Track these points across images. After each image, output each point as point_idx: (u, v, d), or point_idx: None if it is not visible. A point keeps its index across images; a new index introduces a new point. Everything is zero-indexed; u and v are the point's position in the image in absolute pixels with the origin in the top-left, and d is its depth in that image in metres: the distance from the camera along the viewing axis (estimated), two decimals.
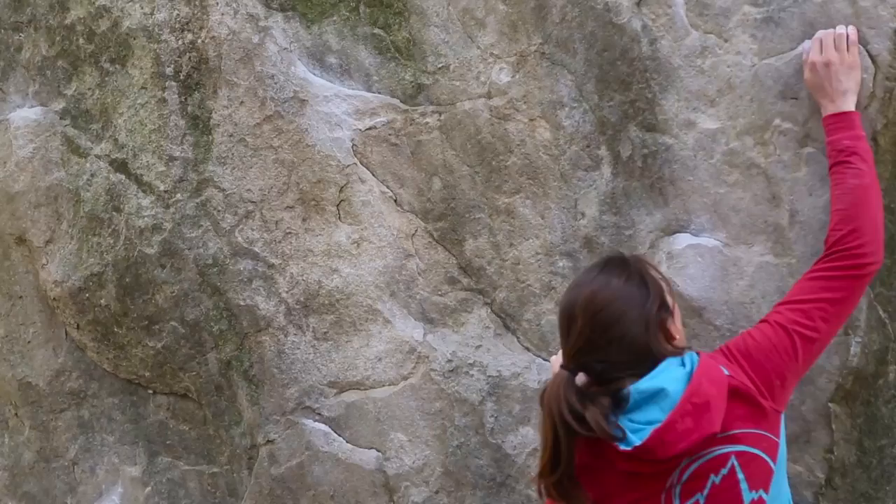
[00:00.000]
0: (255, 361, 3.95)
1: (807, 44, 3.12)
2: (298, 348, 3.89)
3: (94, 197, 4.05)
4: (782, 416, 2.76)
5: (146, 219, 3.98)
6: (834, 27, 3.08)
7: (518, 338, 3.67)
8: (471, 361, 3.72)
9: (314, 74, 3.76)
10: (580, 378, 2.71)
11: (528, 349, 3.65)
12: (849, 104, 3.00)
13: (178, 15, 3.88)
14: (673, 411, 2.59)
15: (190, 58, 3.87)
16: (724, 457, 2.66)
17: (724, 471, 2.66)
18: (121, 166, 4.00)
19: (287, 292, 3.87)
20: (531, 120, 3.53)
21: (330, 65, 3.75)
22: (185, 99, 3.90)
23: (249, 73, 3.80)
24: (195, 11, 3.85)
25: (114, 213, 4.02)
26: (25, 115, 4.13)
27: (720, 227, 3.33)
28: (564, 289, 3.30)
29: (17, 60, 4.19)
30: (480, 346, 3.71)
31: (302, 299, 3.86)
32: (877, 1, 3.06)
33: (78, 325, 4.16)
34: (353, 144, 3.74)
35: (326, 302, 3.83)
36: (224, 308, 3.95)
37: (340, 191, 3.77)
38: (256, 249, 3.88)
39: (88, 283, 4.08)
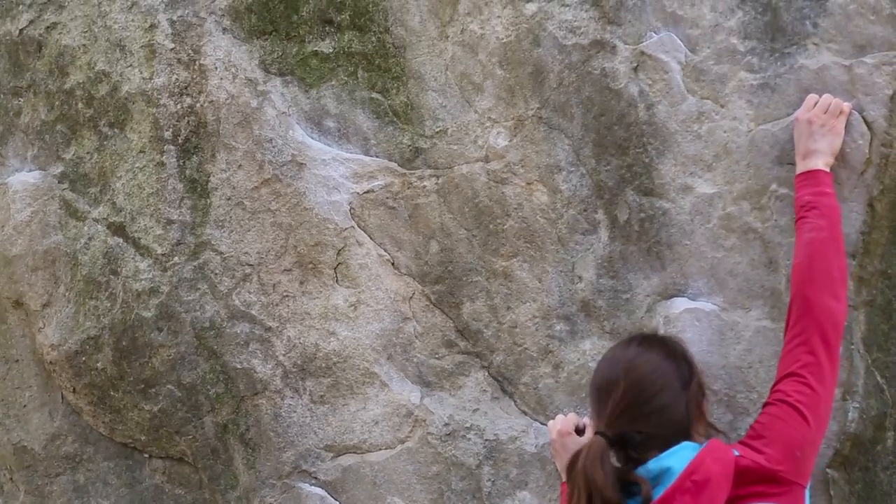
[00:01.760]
0: (252, 425, 3.94)
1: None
2: (295, 411, 3.87)
3: (92, 260, 4.05)
4: (807, 491, 2.74)
5: (143, 282, 3.98)
6: (830, 94, 3.09)
7: (515, 401, 3.66)
8: (468, 425, 3.70)
9: (312, 138, 3.77)
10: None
11: (525, 413, 3.63)
12: (817, 163, 3.01)
13: (176, 79, 3.90)
14: (670, 487, 2.60)
15: (188, 122, 3.89)
16: None
17: None
18: (118, 230, 4.00)
19: (284, 355, 3.86)
20: (528, 184, 3.54)
21: (328, 128, 3.76)
22: (184, 162, 3.91)
23: (248, 137, 3.82)
24: (194, 76, 3.87)
25: (111, 276, 4.02)
26: (24, 178, 4.14)
27: (717, 292, 3.32)
28: (562, 352, 3.32)
29: (16, 125, 4.20)
30: (477, 409, 3.69)
31: (299, 362, 3.85)
32: (872, 68, 3.07)
33: (74, 389, 4.15)
34: (351, 207, 3.74)
35: (323, 365, 3.82)
36: (221, 371, 3.94)
37: (338, 254, 3.77)
38: (254, 312, 3.88)
39: (85, 346, 4.07)
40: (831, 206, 2.96)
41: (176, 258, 3.94)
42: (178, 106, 3.90)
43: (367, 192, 3.72)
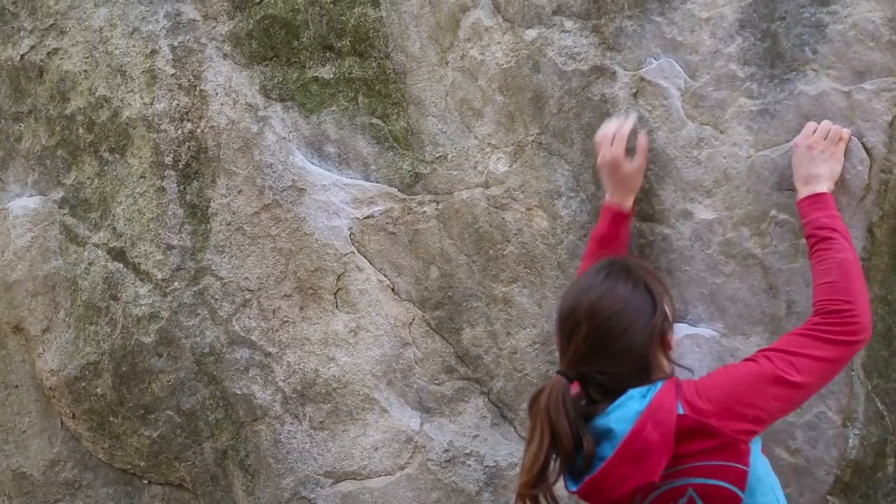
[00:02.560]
0: (251, 451, 3.93)
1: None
2: (295, 437, 3.87)
3: (92, 285, 4.06)
4: (754, 444, 2.71)
5: (143, 307, 3.99)
6: (829, 120, 3.10)
7: (515, 427, 3.65)
8: (468, 451, 3.69)
9: (312, 163, 3.78)
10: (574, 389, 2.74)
11: (525, 439, 3.62)
12: (822, 187, 3.00)
13: (177, 105, 3.91)
14: (611, 457, 2.62)
15: (189, 147, 3.90)
16: (682, 488, 2.67)
17: (682, 500, 2.67)
18: (119, 255, 4.01)
19: (284, 381, 3.86)
20: (528, 209, 3.54)
21: (328, 154, 3.77)
22: (184, 188, 3.92)
23: (248, 162, 3.83)
24: (195, 101, 3.89)
25: (111, 301, 4.03)
26: (24, 204, 4.15)
27: (717, 318, 3.32)
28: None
29: (16, 150, 4.21)
30: (477, 435, 3.69)
31: (299, 388, 3.85)
32: (871, 94, 3.07)
33: (73, 415, 4.15)
34: (351, 233, 3.75)
35: (323, 391, 3.82)
36: (220, 397, 3.94)
37: (338, 279, 3.78)
38: (253, 338, 3.88)
39: (85, 371, 4.07)
40: (846, 229, 2.95)
41: (176, 283, 3.95)
42: (179, 131, 3.91)
43: (368, 217, 3.73)
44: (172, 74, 3.92)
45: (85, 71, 4.05)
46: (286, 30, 3.77)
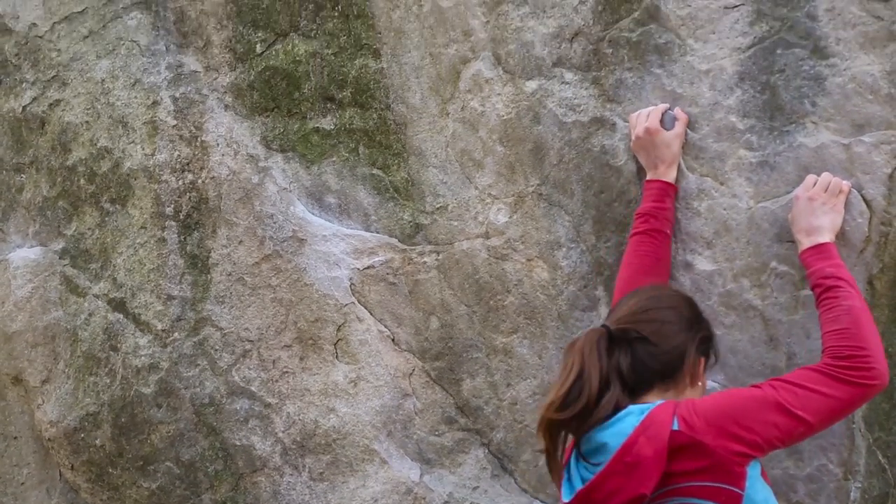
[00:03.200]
0: (251, 503, 3.92)
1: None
2: (294, 489, 3.86)
3: (92, 336, 4.06)
4: (751, 468, 2.69)
5: (143, 358, 3.99)
6: (828, 172, 3.10)
7: (515, 479, 3.64)
8: (468, 503, 3.68)
9: (313, 214, 3.79)
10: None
11: (525, 491, 3.61)
12: (824, 238, 3.00)
13: (178, 156, 3.92)
14: (602, 470, 2.62)
15: (190, 198, 3.91)
16: None
17: None
18: (119, 305, 4.01)
19: (283, 432, 3.85)
20: (529, 260, 3.54)
21: (329, 204, 3.78)
22: (185, 238, 3.93)
23: (249, 213, 3.84)
24: (196, 152, 3.90)
25: (111, 352, 4.02)
26: (25, 255, 4.16)
27: (718, 369, 3.30)
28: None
29: (18, 201, 4.22)
30: (477, 487, 3.67)
31: (298, 439, 3.84)
32: (871, 147, 3.07)
33: (72, 466, 4.13)
34: (352, 283, 3.75)
35: (323, 442, 3.81)
36: (220, 448, 3.93)
37: (338, 330, 3.77)
38: (253, 389, 3.87)
39: (84, 423, 4.06)
40: (852, 277, 2.94)
41: (176, 334, 3.95)
42: (180, 182, 3.92)
43: (368, 267, 3.73)
44: (174, 125, 3.93)
45: (86, 122, 4.06)
46: (287, 81, 3.79)
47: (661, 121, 3.27)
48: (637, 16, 3.35)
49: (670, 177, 3.25)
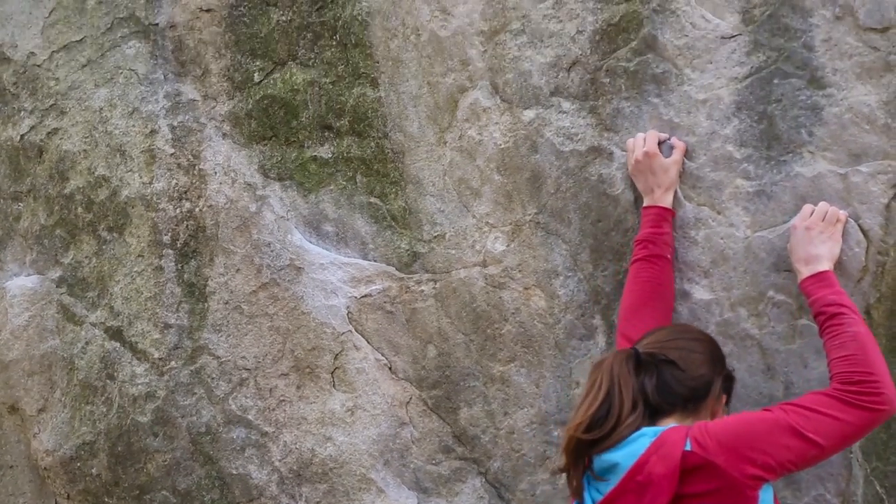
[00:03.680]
0: None
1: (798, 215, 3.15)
2: None
3: (89, 365, 4.05)
4: (764, 492, 2.68)
5: (140, 387, 3.98)
6: (825, 201, 3.10)
7: None
8: None
9: (310, 242, 3.79)
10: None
11: None
12: (823, 266, 3.00)
13: (176, 184, 3.93)
14: (613, 489, 2.63)
15: (187, 226, 3.91)
16: None
17: None
18: (116, 334, 4.01)
19: (280, 461, 3.84)
20: (526, 289, 3.54)
21: (326, 233, 3.78)
22: (182, 266, 3.93)
23: (246, 241, 3.84)
24: (193, 180, 3.90)
25: (107, 380, 4.02)
26: (22, 283, 4.15)
27: None
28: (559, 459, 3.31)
29: (15, 230, 4.23)
30: None
31: (295, 468, 3.83)
32: (868, 177, 3.08)
33: (68, 495, 4.12)
34: (349, 312, 3.75)
35: (320, 471, 3.80)
36: (216, 477, 3.92)
37: (335, 358, 3.77)
38: (250, 417, 3.87)
39: (80, 451, 4.06)
40: (854, 305, 2.94)
41: (173, 362, 3.94)
42: (177, 210, 3.93)
43: (365, 296, 3.73)
44: (171, 154, 3.94)
45: (84, 150, 4.07)
46: (285, 110, 3.80)
47: (659, 148, 3.27)
48: (634, 45, 3.36)
49: (667, 202, 3.25)
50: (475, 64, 3.56)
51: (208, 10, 3.89)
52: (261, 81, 3.84)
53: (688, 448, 2.64)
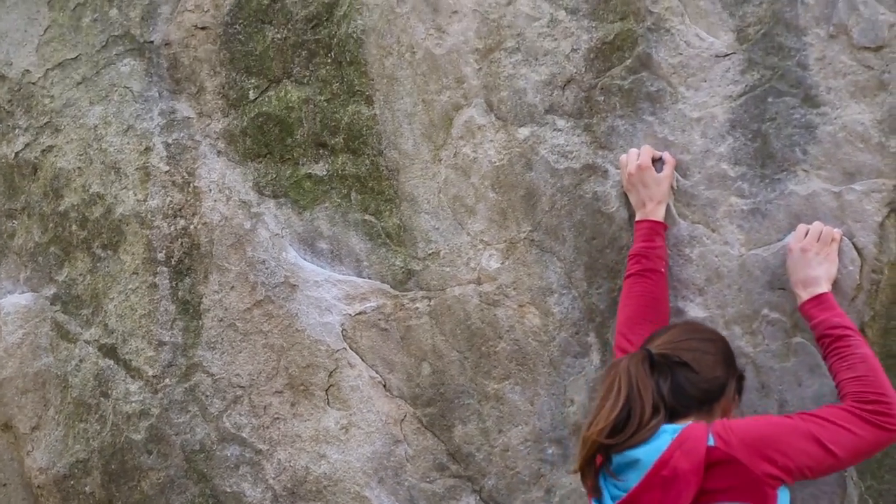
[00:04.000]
0: None
1: (792, 235, 3.15)
2: None
3: (83, 382, 4.05)
4: (781, 493, 2.68)
5: (134, 404, 3.97)
6: (820, 220, 3.11)
7: None
8: None
9: (305, 260, 3.79)
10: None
11: None
12: (822, 288, 3.01)
13: (171, 201, 3.92)
14: (638, 484, 2.63)
15: (182, 243, 3.91)
16: None
17: None
18: (110, 351, 4.00)
19: (274, 479, 3.84)
20: (520, 306, 3.54)
21: (321, 250, 3.78)
22: (176, 284, 3.92)
23: (241, 259, 3.84)
24: (188, 198, 3.90)
25: (101, 398, 4.01)
26: (16, 300, 4.15)
27: None
28: (553, 476, 3.31)
29: (9, 247, 4.22)
30: None
31: (289, 486, 3.82)
32: (861, 195, 3.08)
33: None
34: (343, 329, 3.74)
35: (314, 489, 3.79)
36: (210, 495, 3.91)
37: (330, 375, 3.77)
38: (244, 435, 3.86)
39: (74, 469, 4.05)
40: (856, 327, 2.96)
41: (167, 380, 3.94)
42: (172, 228, 3.92)
43: (360, 313, 3.73)
44: (166, 171, 3.94)
45: (79, 168, 4.07)
46: (280, 127, 3.80)
47: (653, 165, 3.28)
48: (629, 63, 3.37)
49: (659, 215, 3.26)
50: (470, 82, 3.56)
51: (203, 28, 3.89)
52: (256, 99, 3.84)
53: (711, 443, 2.66)
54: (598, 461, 2.77)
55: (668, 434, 2.69)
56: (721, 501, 2.64)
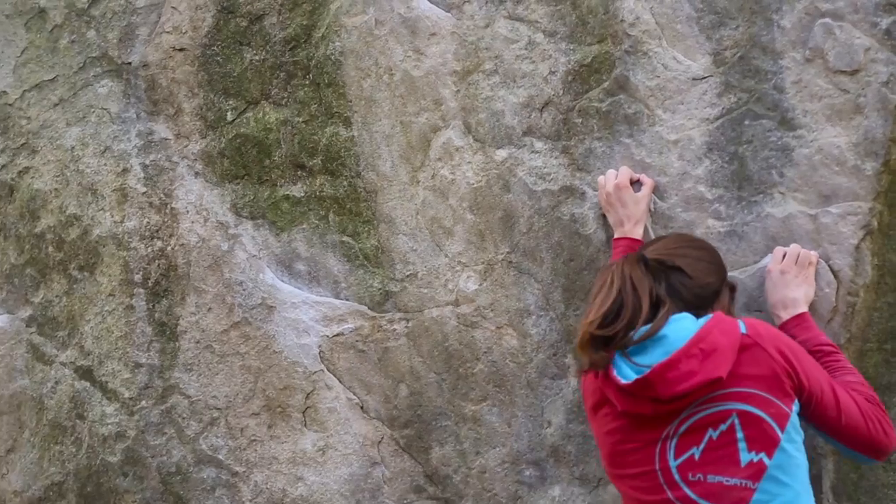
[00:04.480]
0: None
1: (768, 258, 3.16)
2: None
3: (58, 405, 4.03)
4: (796, 405, 2.69)
5: (110, 426, 3.95)
6: (796, 242, 3.13)
7: None
8: None
9: (283, 281, 3.78)
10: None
11: None
12: (801, 309, 3.04)
13: (148, 223, 3.91)
14: (678, 351, 2.60)
15: (159, 265, 3.90)
16: (726, 413, 2.65)
17: (723, 426, 2.65)
18: (86, 373, 3.99)
19: (251, 501, 3.82)
20: (498, 328, 3.54)
21: (298, 272, 3.77)
22: (153, 306, 3.91)
23: (218, 280, 3.83)
24: (165, 219, 3.89)
25: (77, 420, 3.99)
26: None
27: None
28: (531, 498, 3.31)
29: None
30: None
31: None
32: (838, 218, 3.10)
33: None
34: (321, 351, 3.73)
35: None
36: None
37: (307, 397, 3.75)
38: (221, 457, 3.84)
39: (49, 492, 4.02)
40: None
41: (143, 402, 3.92)
42: (149, 249, 3.91)
43: (337, 335, 3.72)
44: (143, 193, 3.93)
45: (56, 189, 4.05)
46: (258, 148, 3.80)
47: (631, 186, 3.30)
48: (606, 86, 3.38)
49: (637, 234, 3.27)
50: (448, 104, 3.57)
51: (181, 50, 3.89)
52: (234, 120, 3.83)
53: (743, 331, 2.68)
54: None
55: (689, 320, 2.70)
56: (746, 387, 2.64)
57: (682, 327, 2.67)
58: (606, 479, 3.43)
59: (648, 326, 2.66)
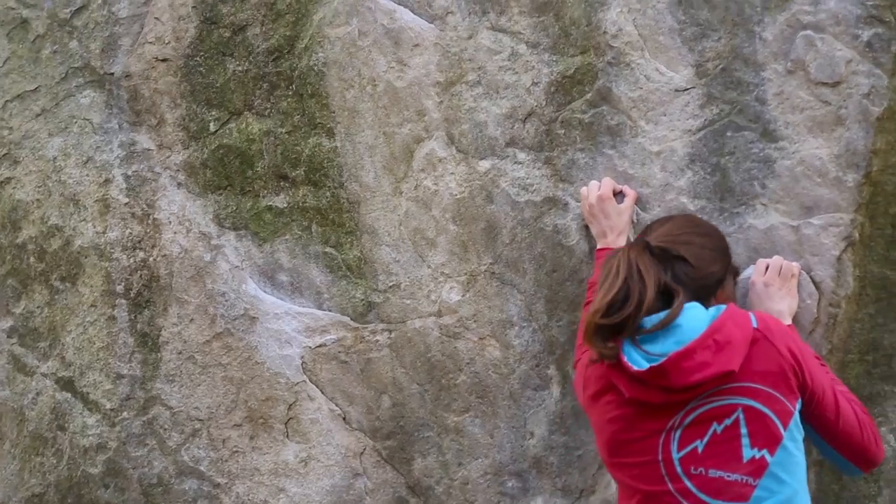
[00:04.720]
0: None
1: (750, 269, 3.17)
2: None
3: (39, 416, 4.01)
4: (799, 403, 2.70)
5: (91, 438, 3.94)
6: (778, 253, 3.13)
7: None
8: None
9: (265, 292, 3.77)
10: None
11: None
12: (786, 321, 3.05)
13: (130, 233, 3.90)
14: (694, 341, 2.60)
15: (141, 276, 3.89)
16: (731, 407, 2.65)
17: (728, 421, 2.65)
18: (67, 384, 3.97)
19: None
20: (481, 339, 3.54)
21: (281, 282, 3.76)
22: (135, 316, 3.90)
23: (200, 291, 3.82)
24: (147, 230, 3.88)
25: (58, 431, 3.98)
26: None
27: None
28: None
29: None
30: None
31: None
32: (819, 229, 3.11)
33: None
34: (303, 362, 3.73)
35: None
36: None
37: (289, 408, 3.75)
38: (202, 468, 3.83)
39: None
40: None
41: (125, 413, 3.91)
42: (131, 260, 3.90)
43: (320, 346, 3.71)
44: (126, 203, 3.92)
45: (37, 200, 4.04)
46: (241, 159, 3.79)
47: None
48: (589, 97, 3.38)
49: (620, 245, 3.26)
50: (431, 115, 3.57)
51: (164, 60, 3.88)
52: (216, 131, 3.83)
53: (754, 325, 2.69)
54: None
55: (700, 309, 2.70)
56: (754, 382, 2.65)
57: (694, 317, 2.67)
58: (589, 490, 3.44)
59: (662, 315, 2.65)
